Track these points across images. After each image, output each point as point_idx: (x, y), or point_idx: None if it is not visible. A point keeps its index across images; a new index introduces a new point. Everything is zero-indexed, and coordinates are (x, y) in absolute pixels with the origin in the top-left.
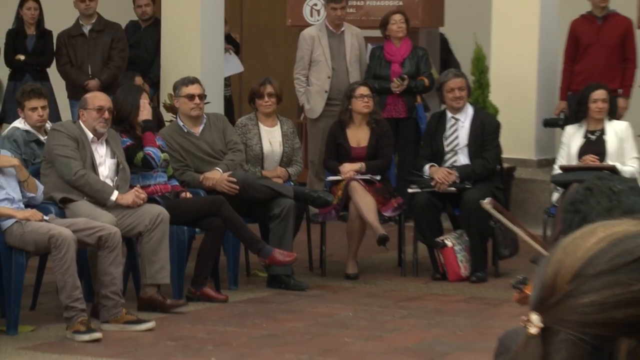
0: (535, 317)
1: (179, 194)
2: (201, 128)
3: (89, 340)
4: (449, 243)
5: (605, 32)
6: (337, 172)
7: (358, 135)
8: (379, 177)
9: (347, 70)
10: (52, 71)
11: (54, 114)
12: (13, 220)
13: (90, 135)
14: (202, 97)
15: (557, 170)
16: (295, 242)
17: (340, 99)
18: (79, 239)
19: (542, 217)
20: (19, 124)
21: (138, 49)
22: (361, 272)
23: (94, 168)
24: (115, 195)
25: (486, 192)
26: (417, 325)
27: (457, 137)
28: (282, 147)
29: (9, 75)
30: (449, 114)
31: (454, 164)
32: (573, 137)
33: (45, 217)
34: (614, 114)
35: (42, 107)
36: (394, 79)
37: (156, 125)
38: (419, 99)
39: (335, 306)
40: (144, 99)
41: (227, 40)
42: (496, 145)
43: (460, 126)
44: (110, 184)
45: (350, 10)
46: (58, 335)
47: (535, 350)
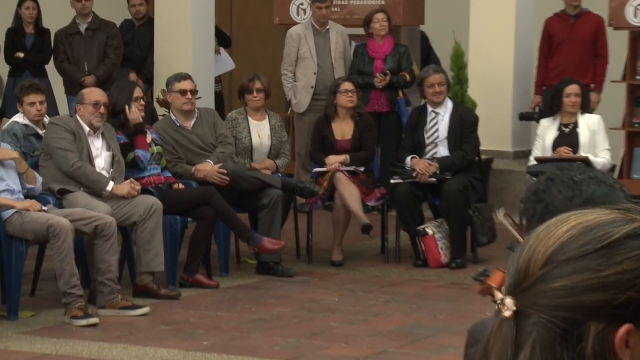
0: (509, 301)
1: (172, 185)
2: (193, 122)
3: (87, 325)
4: (430, 231)
5: (578, 30)
6: (323, 164)
7: (343, 129)
8: (363, 169)
9: (333, 67)
10: (50, 68)
11: (52, 109)
12: (13, 211)
13: (87, 129)
14: (194, 92)
15: (532, 162)
16: (283, 230)
17: (325, 94)
18: (77, 229)
19: (518, 206)
20: (19, 118)
21: (132, 46)
22: (346, 259)
23: (90, 160)
24: (111, 186)
25: (465, 183)
26: (399, 310)
27: (437, 130)
28: (270, 140)
29: (9, 72)
30: (430, 108)
31: (435, 156)
32: (548, 130)
33: (44, 208)
34: (586, 108)
35: (41, 102)
36: (377, 75)
37: (150, 119)
38: (400, 94)
39: (321, 292)
40: (137, 94)
41: (218, 35)
42: (475, 138)
43: (441, 120)
44: (106, 176)
45: (335, 10)
46: (57, 320)
47: (508, 332)
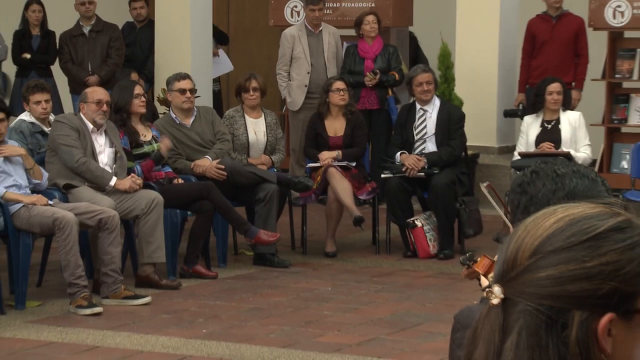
0: (497, 289)
1: (172, 180)
2: (192, 120)
3: (91, 314)
4: (418, 223)
5: (559, 30)
6: (316, 160)
7: (335, 126)
8: (354, 164)
9: (325, 66)
10: (55, 68)
11: (57, 107)
12: (20, 205)
13: (90, 126)
14: (193, 91)
15: (516, 157)
16: (278, 223)
17: (318, 92)
18: (81, 222)
19: (503, 199)
20: (25, 116)
21: (134, 47)
22: (339, 250)
23: (94, 156)
24: (114, 181)
25: (452, 177)
26: (390, 299)
27: (425, 126)
28: (266, 137)
29: (16, 72)
30: (418, 106)
31: (423, 152)
32: (531, 126)
33: (50, 202)
34: (568, 105)
35: (46, 101)
36: (367, 74)
37: (151, 117)
38: (390, 92)
39: (315, 282)
40: (137, 91)
41: (215, 33)
42: (461, 134)
43: (428, 117)
44: (109, 171)
45: (327, 12)
46: (62, 309)
47: (496, 319)
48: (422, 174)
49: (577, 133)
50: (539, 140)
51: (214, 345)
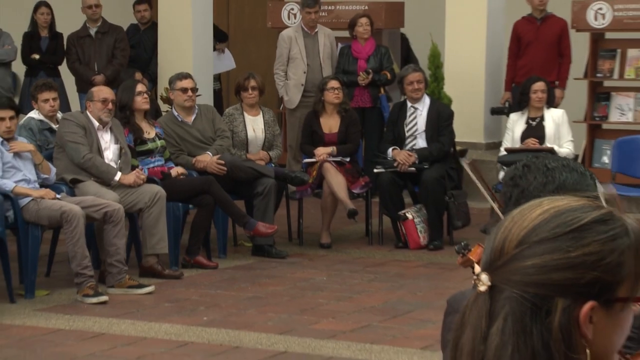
0: (484, 277)
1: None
2: (193, 117)
3: (97, 302)
4: (409, 216)
5: (544, 32)
6: (312, 155)
7: (330, 123)
8: (348, 159)
9: (321, 66)
10: (63, 68)
11: (64, 105)
12: (29, 198)
13: (96, 123)
14: (194, 90)
15: (502, 152)
16: (276, 216)
17: (314, 91)
18: (87, 215)
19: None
20: (34, 114)
21: (138, 48)
22: (334, 241)
23: (99, 152)
24: (118, 176)
25: (441, 172)
26: (382, 288)
27: (416, 123)
28: (264, 134)
29: (25, 72)
30: (409, 104)
31: (414, 147)
32: (516, 123)
33: (58, 196)
34: (551, 103)
35: (53, 99)
36: (361, 73)
37: (154, 115)
38: (382, 90)
39: (311, 271)
40: (139, 89)
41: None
42: (450, 130)
43: (419, 114)
44: (114, 166)
45: (323, 14)
46: (70, 298)
47: (483, 305)
48: (413, 168)
49: (560, 130)
50: (524, 136)
51: (214, 332)
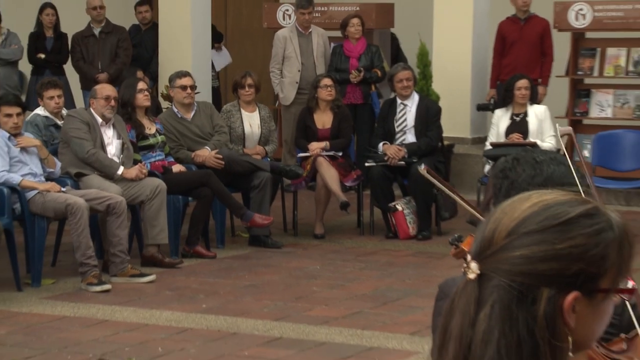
0: (474, 265)
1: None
2: (192, 114)
3: (100, 290)
4: (399, 207)
5: (527, 32)
6: (306, 150)
7: (323, 119)
8: (340, 153)
9: (314, 65)
10: (68, 67)
11: (69, 102)
12: (36, 191)
13: (99, 119)
14: (193, 87)
15: (488, 147)
16: (271, 208)
17: (308, 88)
18: (91, 207)
19: (476, 185)
20: (40, 111)
21: (139, 48)
22: (327, 232)
23: (103, 147)
24: (121, 170)
25: (430, 165)
26: (373, 276)
27: (405, 119)
28: (260, 129)
29: (32, 71)
30: (399, 101)
31: (403, 142)
32: (501, 119)
33: (63, 189)
34: (534, 99)
35: (58, 96)
36: (352, 71)
37: (155, 111)
38: (373, 87)
39: (305, 261)
40: (140, 86)
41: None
42: (438, 126)
43: (408, 110)
44: (117, 161)
45: (316, 15)
46: (74, 287)
47: (472, 292)
48: (403, 162)
49: (543, 125)
50: (509, 131)
51: (212, 319)
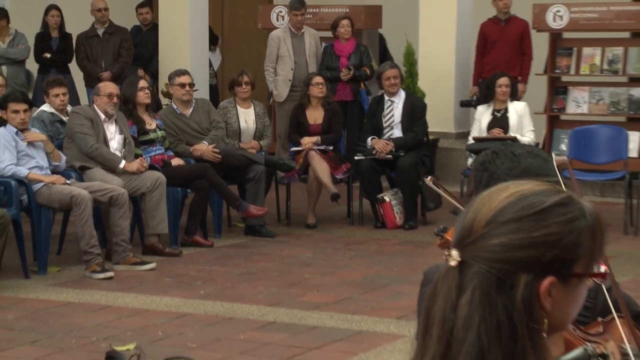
0: (455, 253)
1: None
2: (191, 110)
3: (104, 278)
4: (387, 198)
5: (508, 32)
6: (298, 144)
7: (315, 115)
8: (331, 148)
9: (307, 63)
10: (72, 65)
11: (73, 100)
12: (42, 184)
13: (102, 116)
14: (192, 85)
15: (471, 141)
16: (266, 199)
17: (300, 86)
18: (95, 198)
19: (459, 177)
20: (46, 107)
21: (140, 47)
22: (318, 222)
23: (105, 142)
24: (123, 163)
25: (416, 159)
26: (362, 264)
27: (392, 115)
28: (255, 125)
29: (38, 70)
30: (386, 97)
31: (391, 137)
32: (483, 115)
33: (67, 181)
34: (515, 96)
35: (63, 94)
36: (343, 70)
37: (155, 107)
38: (362, 85)
39: (298, 249)
40: (142, 84)
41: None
42: (423, 121)
43: (395, 107)
44: (119, 155)
45: (308, 16)
46: (79, 274)
47: (453, 279)
48: (390, 156)
49: (522, 120)
50: (490, 126)
51: (210, 305)
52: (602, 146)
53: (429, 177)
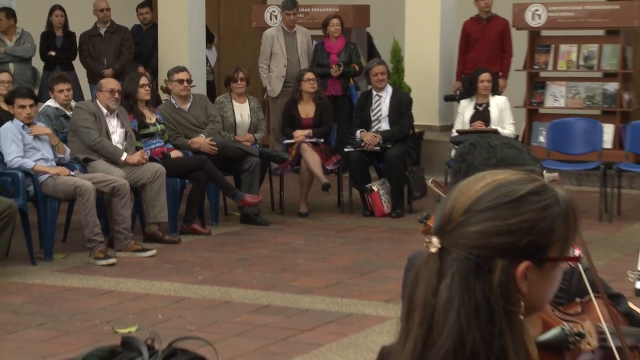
0: (435, 240)
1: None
2: (189, 105)
3: (106, 264)
4: (375, 188)
5: (489, 30)
6: (291, 137)
7: (306, 109)
8: (322, 140)
9: (299, 60)
10: (76, 63)
11: (77, 95)
12: (47, 175)
13: (104, 110)
14: (189, 81)
15: (454, 133)
16: (260, 189)
17: (293, 82)
18: (98, 189)
19: (444, 168)
20: (51, 102)
21: (141, 46)
22: (310, 211)
23: (108, 135)
24: (124, 156)
25: (402, 150)
26: (351, 250)
27: (380, 109)
28: (250, 119)
29: (44, 67)
30: (374, 92)
31: (378, 130)
32: (466, 109)
33: (72, 173)
34: (496, 90)
35: (67, 90)
36: (333, 66)
37: (155, 103)
38: (351, 81)
39: (290, 236)
40: (142, 81)
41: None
42: (409, 115)
43: (383, 101)
44: (121, 148)
45: (300, 15)
46: (83, 261)
47: (433, 265)
48: (378, 148)
49: (503, 114)
50: (473, 119)
51: (207, 289)
52: (578, 138)
53: (431, 180)
